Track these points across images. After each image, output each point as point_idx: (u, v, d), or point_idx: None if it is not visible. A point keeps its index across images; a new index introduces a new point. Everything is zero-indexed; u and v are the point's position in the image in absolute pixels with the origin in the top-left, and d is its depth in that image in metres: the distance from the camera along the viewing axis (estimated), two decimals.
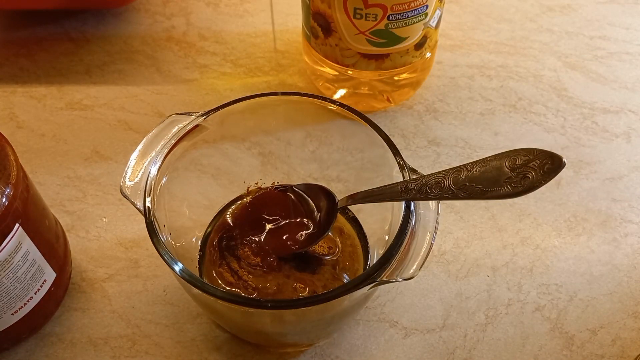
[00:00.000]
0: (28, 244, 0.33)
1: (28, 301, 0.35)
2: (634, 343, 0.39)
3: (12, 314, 0.34)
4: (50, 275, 0.36)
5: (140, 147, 0.35)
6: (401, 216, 0.31)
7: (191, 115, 0.36)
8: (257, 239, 0.37)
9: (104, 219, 0.44)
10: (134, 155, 0.34)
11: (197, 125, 0.36)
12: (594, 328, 0.39)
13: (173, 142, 0.35)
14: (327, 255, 0.38)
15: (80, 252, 0.42)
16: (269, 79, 0.55)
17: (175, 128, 0.35)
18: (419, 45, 0.47)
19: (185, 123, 0.36)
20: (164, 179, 0.34)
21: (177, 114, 0.36)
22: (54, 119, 0.51)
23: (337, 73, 0.49)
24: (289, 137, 0.40)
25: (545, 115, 0.52)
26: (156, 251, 0.30)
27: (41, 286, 0.36)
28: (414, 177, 0.33)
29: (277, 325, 0.33)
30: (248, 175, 0.41)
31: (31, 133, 0.50)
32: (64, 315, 0.39)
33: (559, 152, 0.25)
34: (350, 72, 0.48)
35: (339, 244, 0.38)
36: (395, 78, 0.49)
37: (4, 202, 0.31)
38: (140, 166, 0.34)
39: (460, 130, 0.51)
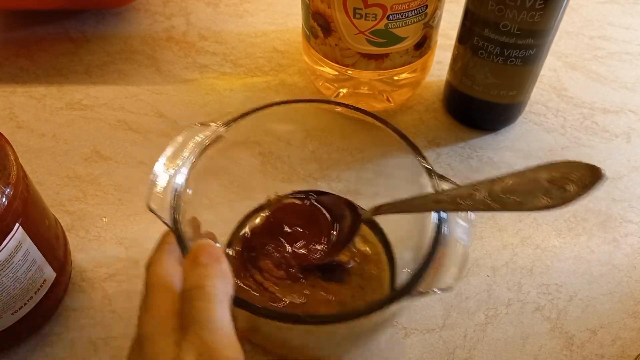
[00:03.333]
0: (28, 244, 0.33)
1: (28, 301, 0.35)
2: (634, 343, 0.39)
3: (12, 314, 0.34)
4: (50, 275, 0.36)
5: (162, 159, 0.33)
6: (434, 225, 0.30)
7: (210, 125, 0.35)
8: (279, 250, 0.37)
9: (104, 219, 0.44)
10: (159, 169, 0.33)
11: (219, 136, 0.35)
12: (594, 328, 0.39)
13: (195, 153, 0.34)
14: (351, 264, 0.37)
15: (80, 252, 0.42)
16: (269, 79, 0.55)
17: (196, 138, 0.34)
18: (419, 45, 0.46)
19: (205, 134, 0.34)
20: (189, 191, 0.33)
21: (197, 124, 0.35)
22: (53, 119, 0.51)
23: (337, 73, 0.49)
24: (289, 137, 0.40)
25: (545, 115, 0.52)
26: None
27: (41, 286, 0.36)
28: (446, 188, 0.32)
29: (306, 338, 0.32)
30: (262, 186, 0.40)
31: (31, 133, 0.50)
32: (64, 315, 0.39)
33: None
34: (350, 72, 0.48)
35: (363, 252, 0.38)
36: (395, 78, 0.49)
37: (4, 202, 0.31)
38: (164, 179, 0.32)
39: (460, 130, 0.51)
